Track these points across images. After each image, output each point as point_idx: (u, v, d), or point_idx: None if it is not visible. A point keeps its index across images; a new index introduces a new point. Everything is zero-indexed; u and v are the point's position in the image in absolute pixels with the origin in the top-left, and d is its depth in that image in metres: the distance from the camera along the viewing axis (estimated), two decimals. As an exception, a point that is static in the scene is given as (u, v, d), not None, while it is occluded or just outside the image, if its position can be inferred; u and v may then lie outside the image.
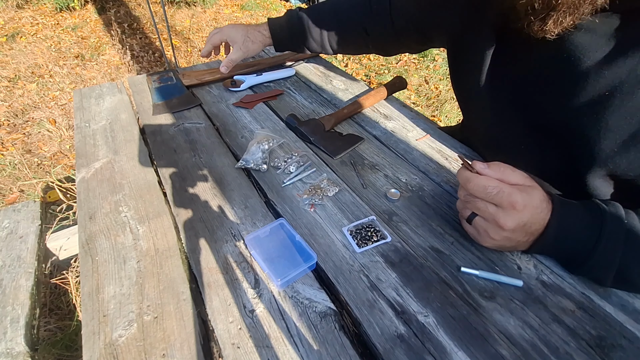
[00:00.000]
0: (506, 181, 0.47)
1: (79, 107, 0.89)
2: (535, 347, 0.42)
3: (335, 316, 0.46)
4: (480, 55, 0.60)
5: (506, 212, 0.45)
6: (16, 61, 2.87)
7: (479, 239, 0.51)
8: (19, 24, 3.53)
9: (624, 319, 0.45)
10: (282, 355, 0.42)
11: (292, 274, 0.49)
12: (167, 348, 0.43)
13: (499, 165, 0.48)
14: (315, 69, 1.08)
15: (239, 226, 0.58)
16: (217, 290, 0.49)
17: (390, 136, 0.79)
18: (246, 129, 0.81)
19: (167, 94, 0.92)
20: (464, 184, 0.49)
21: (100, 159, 0.72)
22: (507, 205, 0.45)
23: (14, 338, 0.70)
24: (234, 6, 4.22)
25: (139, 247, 0.55)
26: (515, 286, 0.48)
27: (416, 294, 0.48)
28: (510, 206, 0.45)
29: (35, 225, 0.94)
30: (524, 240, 0.48)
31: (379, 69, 2.94)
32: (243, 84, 0.96)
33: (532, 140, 0.59)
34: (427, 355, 0.41)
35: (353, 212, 0.60)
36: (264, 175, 0.68)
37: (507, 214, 0.45)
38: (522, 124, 0.59)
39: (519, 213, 0.45)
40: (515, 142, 0.61)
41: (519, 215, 0.45)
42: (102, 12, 3.86)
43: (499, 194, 0.45)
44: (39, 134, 2.13)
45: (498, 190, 0.45)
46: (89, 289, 0.49)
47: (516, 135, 0.61)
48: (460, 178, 0.49)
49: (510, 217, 0.45)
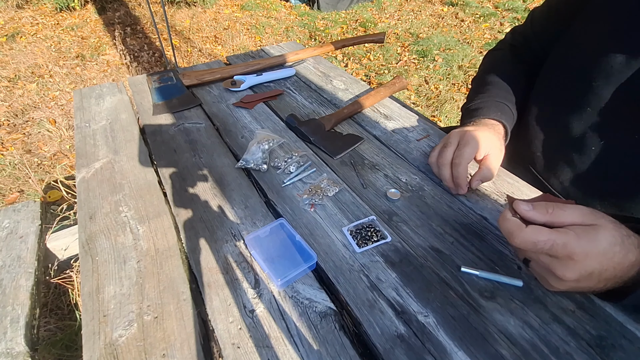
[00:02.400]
0: (558, 224, 0.40)
1: (79, 107, 0.89)
2: (536, 347, 0.42)
3: (335, 316, 0.46)
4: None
5: (563, 263, 0.39)
6: (16, 61, 2.87)
7: (543, 284, 0.46)
8: (19, 24, 3.53)
9: (624, 319, 0.45)
10: (282, 355, 0.42)
11: (292, 274, 0.49)
12: (167, 348, 0.43)
13: (546, 204, 0.41)
14: (315, 69, 1.08)
15: (239, 226, 0.58)
16: (217, 290, 0.49)
17: (390, 136, 0.79)
18: (246, 129, 0.81)
19: (167, 94, 0.92)
20: (509, 239, 0.41)
21: (100, 159, 0.72)
22: (564, 257, 0.38)
23: (14, 338, 0.70)
24: (234, 6, 4.22)
25: (139, 247, 0.55)
26: (515, 286, 0.48)
27: (416, 294, 0.48)
28: (567, 257, 0.38)
29: (35, 225, 0.94)
30: (600, 286, 0.41)
31: (379, 69, 2.94)
32: (243, 84, 0.96)
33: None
34: (427, 355, 0.42)
35: (353, 212, 0.60)
36: (264, 175, 0.68)
37: (564, 265, 0.39)
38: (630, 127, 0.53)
39: (579, 263, 0.38)
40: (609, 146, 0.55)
41: (579, 266, 0.38)
42: (102, 12, 3.86)
43: (552, 248, 0.38)
44: (39, 134, 2.13)
45: (551, 245, 0.38)
46: (89, 289, 0.49)
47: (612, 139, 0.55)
48: (504, 231, 0.42)
49: (569, 269, 0.39)
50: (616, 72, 0.54)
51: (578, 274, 0.39)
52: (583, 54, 0.60)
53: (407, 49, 3.26)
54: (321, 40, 3.44)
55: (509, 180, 0.66)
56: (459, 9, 4.09)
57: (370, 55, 3.13)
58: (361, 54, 3.14)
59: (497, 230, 0.56)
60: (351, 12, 4.06)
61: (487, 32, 3.49)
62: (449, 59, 3.02)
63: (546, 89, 0.68)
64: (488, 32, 3.49)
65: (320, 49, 1.13)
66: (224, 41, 3.37)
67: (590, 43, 0.59)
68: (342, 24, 3.76)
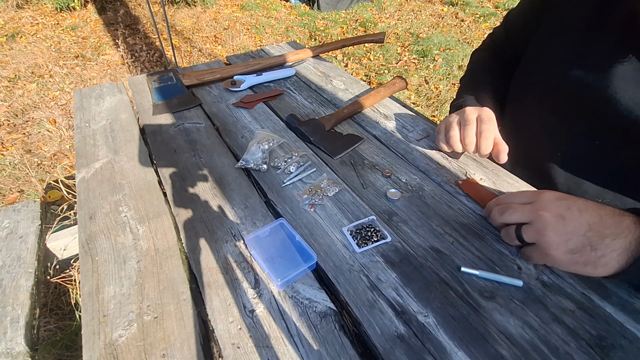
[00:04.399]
0: (512, 209, 0.50)
1: (79, 107, 0.89)
2: (535, 347, 0.42)
3: (335, 316, 0.46)
4: (603, 53, 0.56)
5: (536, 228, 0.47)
6: (16, 61, 2.87)
7: (542, 256, 0.48)
8: (19, 24, 3.53)
9: (624, 319, 0.45)
10: (282, 355, 0.42)
11: (292, 274, 0.49)
12: (167, 348, 0.43)
13: (494, 207, 0.53)
14: (315, 69, 1.08)
15: (239, 226, 0.58)
16: (217, 290, 0.49)
17: (390, 136, 0.79)
18: (246, 129, 0.81)
19: (167, 94, 0.92)
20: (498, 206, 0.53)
21: (100, 159, 0.72)
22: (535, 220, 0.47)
23: (14, 338, 0.70)
24: (234, 6, 4.22)
25: (139, 247, 0.55)
26: (515, 286, 0.48)
27: (416, 294, 0.48)
28: (537, 218, 0.47)
29: (35, 225, 0.94)
30: (594, 255, 0.44)
31: (379, 69, 2.94)
32: (243, 84, 0.96)
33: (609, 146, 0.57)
34: (427, 355, 0.42)
35: (353, 212, 0.60)
36: (264, 175, 0.68)
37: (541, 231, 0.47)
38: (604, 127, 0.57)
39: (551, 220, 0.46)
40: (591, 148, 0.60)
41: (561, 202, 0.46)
42: (102, 12, 3.86)
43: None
44: (39, 134, 2.13)
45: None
46: (89, 289, 0.49)
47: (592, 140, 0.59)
48: (492, 208, 0.54)
49: (548, 231, 0.46)
50: (573, 83, 0.59)
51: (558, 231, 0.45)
52: (542, 68, 0.65)
53: (407, 48, 3.26)
54: (321, 40, 3.44)
55: (509, 181, 0.66)
56: (459, 8, 4.10)
57: (370, 55, 3.13)
58: (361, 54, 3.14)
59: (497, 230, 0.56)
60: (351, 12, 4.07)
61: (487, 32, 3.48)
62: (449, 58, 3.02)
63: (517, 93, 0.74)
64: (488, 32, 3.49)
65: (319, 49, 1.13)
66: (224, 41, 3.37)
67: (548, 55, 0.65)
68: (342, 24, 3.76)
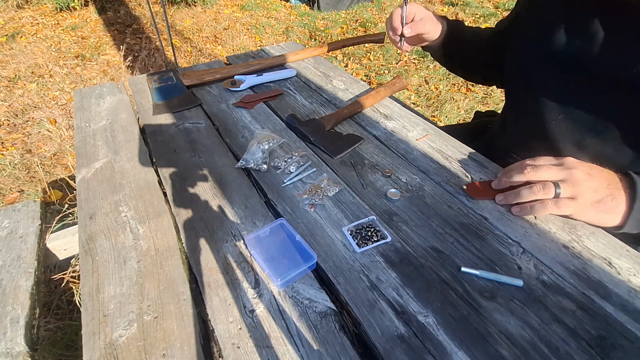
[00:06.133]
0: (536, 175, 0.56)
1: (79, 107, 0.89)
2: (536, 347, 0.42)
3: (336, 316, 0.46)
4: (585, 26, 0.59)
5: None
6: (16, 61, 2.87)
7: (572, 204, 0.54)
8: (19, 24, 3.53)
9: (624, 319, 0.45)
10: (282, 355, 0.42)
11: (292, 274, 0.49)
12: (167, 348, 0.43)
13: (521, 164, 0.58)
14: (315, 69, 1.08)
15: (239, 226, 0.58)
16: (217, 290, 0.49)
17: (390, 136, 0.79)
18: (246, 129, 0.81)
19: (167, 94, 0.92)
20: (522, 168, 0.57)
21: (101, 159, 0.72)
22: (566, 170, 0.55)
23: (14, 338, 0.70)
24: (234, 6, 4.22)
25: (139, 247, 0.55)
26: (515, 286, 0.48)
27: (416, 294, 0.48)
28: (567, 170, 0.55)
29: (35, 225, 0.94)
30: (609, 186, 0.53)
31: (379, 69, 2.94)
32: (243, 84, 0.96)
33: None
34: (427, 356, 0.41)
35: (353, 212, 0.60)
36: (264, 175, 0.68)
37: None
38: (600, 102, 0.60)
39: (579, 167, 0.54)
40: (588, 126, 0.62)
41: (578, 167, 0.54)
42: (102, 12, 3.86)
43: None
44: (39, 134, 2.13)
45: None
46: (89, 289, 0.49)
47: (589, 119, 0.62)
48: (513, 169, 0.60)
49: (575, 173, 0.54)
50: (561, 51, 0.63)
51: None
52: (531, 43, 0.69)
53: (407, 49, 3.25)
54: (321, 40, 3.44)
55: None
56: (459, 9, 4.09)
57: (370, 55, 3.13)
58: (361, 54, 3.14)
59: (497, 230, 0.56)
60: (351, 12, 4.06)
61: (487, 32, 3.49)
62: (449, 59, 3.01)
63: (512, 72, 0.76)
64: (488, 32, 3.49)
65: (319, 49, 1.13)
66: (224, 41, 3.37)
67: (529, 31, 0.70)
68: (342, 24, 3.76)
